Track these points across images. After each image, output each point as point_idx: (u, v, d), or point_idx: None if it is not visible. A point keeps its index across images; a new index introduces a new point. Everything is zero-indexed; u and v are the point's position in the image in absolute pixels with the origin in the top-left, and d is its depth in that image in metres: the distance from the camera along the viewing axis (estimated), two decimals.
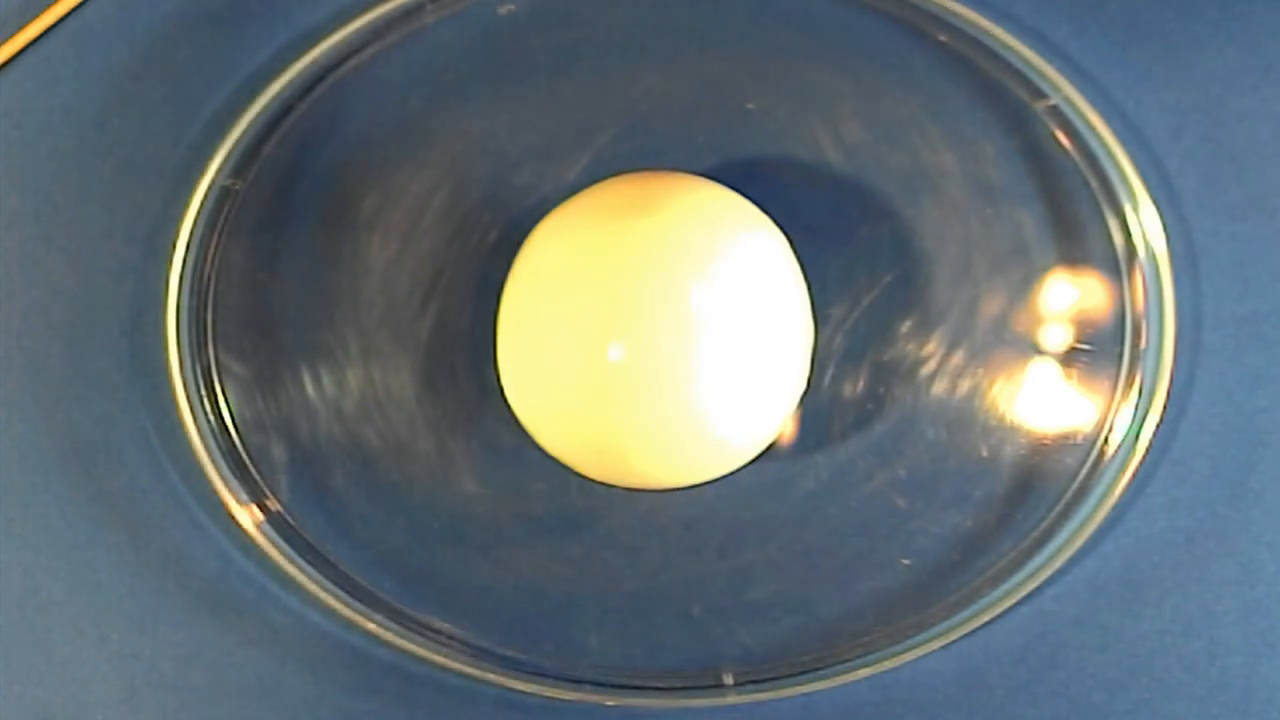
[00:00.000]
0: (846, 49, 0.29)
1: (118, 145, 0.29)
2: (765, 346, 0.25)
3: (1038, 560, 0.28)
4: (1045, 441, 0.29)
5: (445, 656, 0.28)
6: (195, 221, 0.28)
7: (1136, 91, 0.29)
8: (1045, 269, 0.29)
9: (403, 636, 0.28)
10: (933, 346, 0.29)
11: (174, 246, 0.28)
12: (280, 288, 0.29)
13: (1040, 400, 0.29)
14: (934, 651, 0.28)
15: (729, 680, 0.28)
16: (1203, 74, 0.29)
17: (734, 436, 0.25)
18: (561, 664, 0.29)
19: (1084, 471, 0.29)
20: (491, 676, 0.28)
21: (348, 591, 0.29)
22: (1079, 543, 0.28)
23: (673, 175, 0.27)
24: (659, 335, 0.24)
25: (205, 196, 0.28)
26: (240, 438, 0.29)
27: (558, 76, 0.29)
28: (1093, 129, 0.28)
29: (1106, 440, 0.28)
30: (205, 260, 0.29)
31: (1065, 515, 0.28)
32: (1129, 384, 0.28)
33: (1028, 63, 0.28)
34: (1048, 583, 0.28)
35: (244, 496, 0.29)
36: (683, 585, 0.29)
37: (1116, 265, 0.29)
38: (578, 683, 0.28)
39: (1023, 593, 0.28)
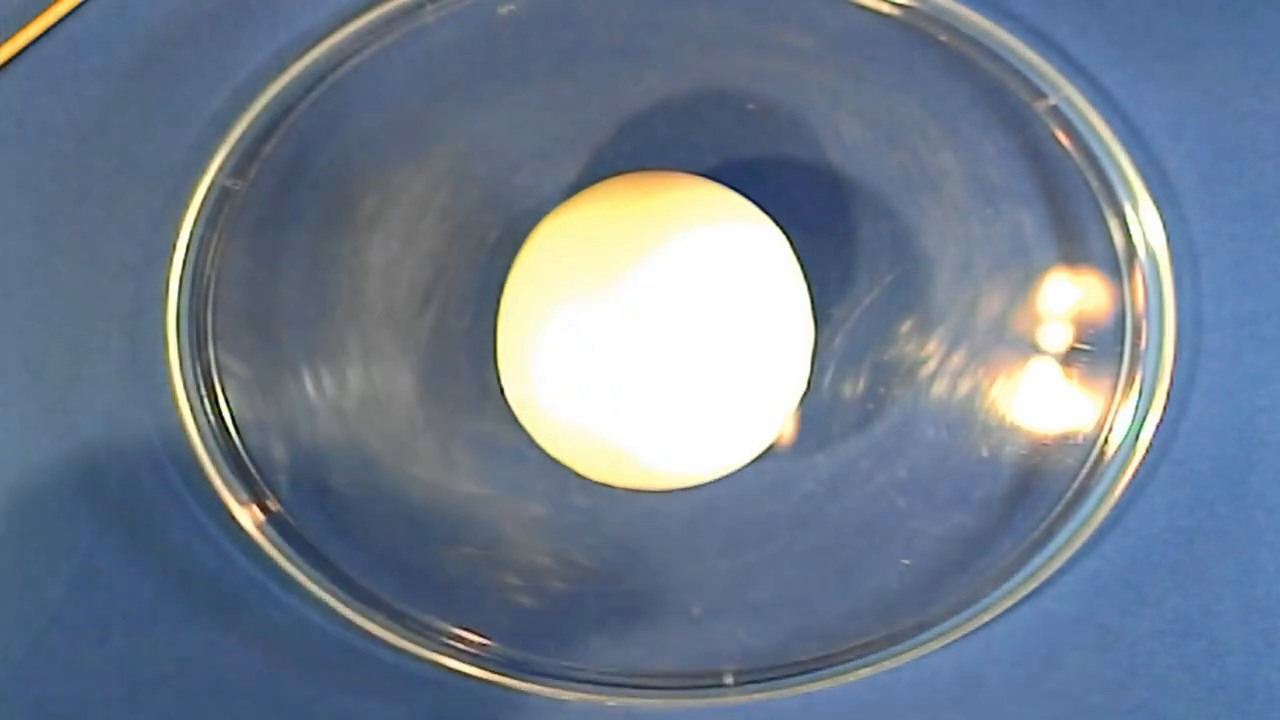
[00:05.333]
0: (846, 49, 0.29)
1: (118, 145, 0.29)
2: (765, 346, 0.25)
3: (1038, 560, 0.28)
4: (1045, 441, 0.29)
5: (445, 656, 0.28)
6: (195, 221, 0.28)
7: (1136, 91, 0.29)
8: (1045, 269, 0.29)
9: (403, 636, 0.28)
10: (933, 346, 0.29)
11: (174, 246, 0.28)
12: (280, 288, 0.29)
13: (1040, 400, 0.29)
14: (934, 651, 0.28)
15: (729, 680, 0.28)
16: (1203, 74, 0.29)
17: (734, 436, 0.25)
18: (561, 664, 0.29)
19: (1084, 471, 0.29)
20: (492, 676, 0.28)
21: (348, 591, 0.29)
22: (1079, 543, 0.28)
23: (673, 175, 0.27)
24: (659, 335, 0.24)
25: (205, 196, 0.28)
26: (240, 438, 0.29)
27: (558, 76, 0.29)
28: (1093, 129, 0.28)
29: (1106, 440, 0.28)
30: (205, 260, 0.29)
31: (1065, 515, 0.28)
32: (1129, 384, 0.28)
33: (1028, 63, 0.28)
34: (1048, 583, 0.28)
35: (244, 496, 0.29)
36: (683, 585, 0.29)
37: (1116, 265, 0.29)
38: (578, 683, 0.28)
39: (1023, 593, 0.28)
